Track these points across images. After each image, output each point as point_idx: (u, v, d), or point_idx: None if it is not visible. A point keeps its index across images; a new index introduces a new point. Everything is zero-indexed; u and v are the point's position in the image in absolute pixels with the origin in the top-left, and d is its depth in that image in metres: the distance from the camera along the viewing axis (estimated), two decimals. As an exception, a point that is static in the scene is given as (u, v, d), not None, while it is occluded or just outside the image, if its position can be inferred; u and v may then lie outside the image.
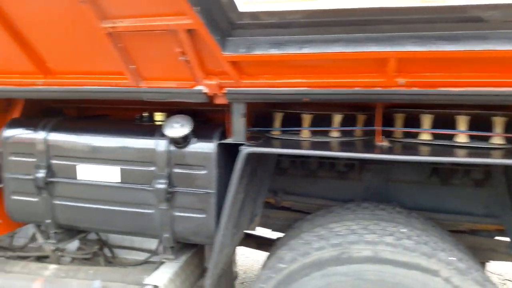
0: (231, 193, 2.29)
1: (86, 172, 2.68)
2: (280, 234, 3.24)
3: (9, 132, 2.84)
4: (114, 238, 3.66)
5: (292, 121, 2.67)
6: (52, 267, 3.19)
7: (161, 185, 2.52)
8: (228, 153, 2.52)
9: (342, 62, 1.97)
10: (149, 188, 2.56)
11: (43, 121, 2.81)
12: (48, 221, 2.82)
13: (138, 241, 3.89)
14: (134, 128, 2.74)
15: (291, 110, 2.61)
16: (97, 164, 2.65)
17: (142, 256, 3.65)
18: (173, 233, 2.61)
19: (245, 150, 2.22)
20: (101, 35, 2.10)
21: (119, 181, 2.63)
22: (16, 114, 2.97)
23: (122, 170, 2.62)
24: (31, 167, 2.77)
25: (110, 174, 2.64)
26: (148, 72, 2.30)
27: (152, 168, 2.55)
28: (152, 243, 3.83)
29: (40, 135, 2.76)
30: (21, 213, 2.90)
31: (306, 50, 1.93)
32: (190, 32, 1.97)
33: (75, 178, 2.70)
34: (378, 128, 2.37)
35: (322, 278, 2.16)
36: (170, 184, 2.52)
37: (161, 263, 3.19)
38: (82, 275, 3.05)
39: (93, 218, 2.74)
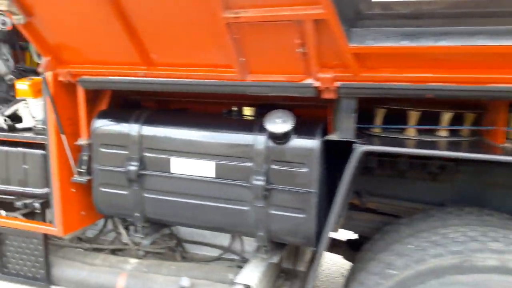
0: (341, 193, 2.18)
1: (180, 166, 2.63)
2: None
3: (100, 124, 2.82)
4: (184, 233, 3.64)
5: (393, 118, 2.54)
6: (133, 261, 3.18)
7: (259, 181, 2.44)
8: (327, 150, 2.42)
9: (481, 56, 1.83)
10: (245, 185, 2.49)
11: (135, 113, 2.79)
12: (137, 214, 2.80)
13: (209, 237, 3.86)
14: (229, 123, 2.67)
15: (394, 106, 2.48)
16: (192, 158, 2.60)
17: (211, 251, 3.62)
18: (268, 232, 2.53)
19: (361, 148, 2.10)
20: (217, 26, 2.03)
21: (214, 176, 2.58)
22: (103, 105, 2.96)
23: (217, 165, 2.56)
24: (123, 159, 2.75)
25: (205, 169, 2.58)
26: (255, 65, 2.22)
27: (249, 164, 2.48)
28: (223, 239, 3.79)
29: (133, 127, 2.73)
30: (109, 206, 2.89)
31: (443, 43, 1.80)
32: (317, 22, 1.87)
33: (168, 171, 2.66)
34: (501, 128, 2.21)
35: (440, 287, 2.03)
36: (268, 181, 2.44)
37: (244, 260, 3.13)
38: (165, 270, 3.03)
39: (184, 212, 2.70)
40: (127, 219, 3.09)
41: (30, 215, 3.86)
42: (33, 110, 3.31)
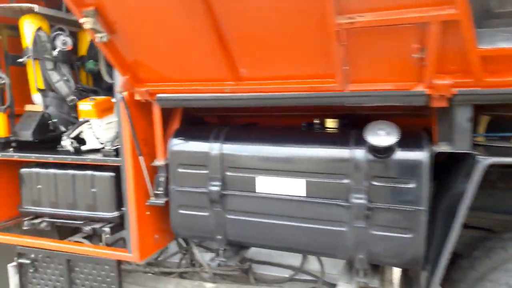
0: (463, 210, 1.98)
1: (267, 185, 2.46)
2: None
3: (178, 143, 2.68)
4: (251, 253, 3.47)
5: (496, 125, 2.33)
6: (209, 286, 3.01)
7: (359, 200, 2.25)
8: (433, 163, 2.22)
9: None
10: (343, 204, 2.30)
11: (214, 131, 2.64)
12: (219, 237, 2.63)
13: (275, 256, 3.68)
14: (320, 136, 2.50)
15: (504, 113, 2.27)
16: (279, 176, 2.43)
17: (279, 272, 3.45)
18: (368, 254, 2.33)
19: (486, 161, 1.90)
20: (323, 34, 1.86)
21: (304, 194, 2.40)
22: (175, 124, 2.82)
23: (308, 182, 2.38)
24: (203, 179, 2.60)
25: (294, 187, 2.41)
26: (358, 74, 2.04)
27: (346, 181, 2.29)
28: (292, 259, 3.60)
29: (214, 145, 2.58)
30: (188, 228, 2.73)
31: None
32: (445, 24, 1.69)
33: (253, 191, 2.49)
34: None
35: None
36: (369, 199, 2.25)
37: (319, 281, 2.93)
38: (246, 295, 2.85)
39: (270, 234, 2.52)
40: (200, 241, 2.93)
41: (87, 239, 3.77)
42: (97, 131, 3.20)
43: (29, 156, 3.08)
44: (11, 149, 3.24)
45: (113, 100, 3.33)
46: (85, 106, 3.17)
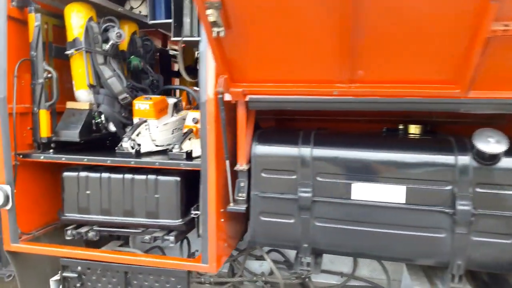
0: None
1: (363, 192, 2.40)
2: None
3: (262, 147, 2.55)
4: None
5: None
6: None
7: (465, 206, 2.26)
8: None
9: None
10: (447, 210, 2.30)
11: (302, 135, 2.54)
12: (305, 245, 2.53)
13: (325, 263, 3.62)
14: (418, 143, 2.48)
15: None
16: (377, 182, 2.38)
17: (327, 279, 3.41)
18: (467, 260, 2.34)
19: None
20: (460, 39, 1.85)
21: (404, 201, 2.37)
22: (250, 128, 2.67)
23: (408, 189, 2.35)
24: (290, 185, 2.49)
25: (393, 194, 2.37)
26: (485, 81, 2.04)
27: (450, 187, 2.29)
28: (340, 265, 3.57)
29: (304, 150, 2.48)
30: (270, 236, 2.60)
31: None
32: None
33: (347, 197, 2.42)
34: None
35: None
36: (473, 205, 2.26)
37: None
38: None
39: (364, 242, 2.46)
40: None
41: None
42: (153, 132, 2.98)
43: (81, 158, 2.79)
44: (51, 151, 2.92)
45: (169, 100, 3.13)
46: (143, 105, 2.93)
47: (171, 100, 3.18)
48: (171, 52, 4.56)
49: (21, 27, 2.83)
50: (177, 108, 3.25)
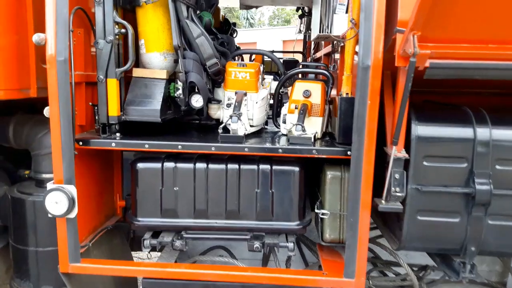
0: None
1: (557, 182, 1.95)
2: None
3: (425, 127, 2.00)
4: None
5: None
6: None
7: None
8: None
9: None
10: None
11: (472, 111, 2.02)
12: (472, 248, 2.05)
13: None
14: None
15: None
16: None
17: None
18: None
19: None
20: None
21: None
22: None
23: None
24: (459, 175, 1.98)
25: None
26: None
27: None
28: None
29: (480, 130, 1.97)
30: (429, 240, 2.08)
31: None
32: None
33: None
34: None
35: None
36: None
37: None
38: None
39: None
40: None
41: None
42: (251, 109, 2.32)
43: (172, 145, 2.06)
44: (118, 135, 2.16)
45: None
46: (242, 73, 2.24)
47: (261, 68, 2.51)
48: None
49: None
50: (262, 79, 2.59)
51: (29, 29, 2.13)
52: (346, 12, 2.29)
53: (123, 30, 2.06)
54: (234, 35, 3.75)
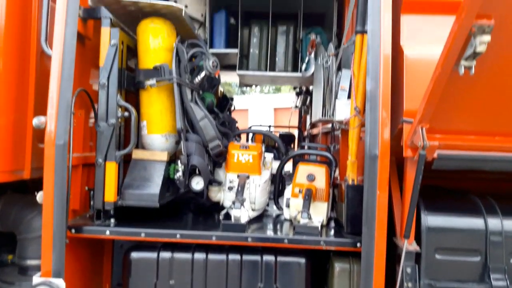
0: None
1: None
2: None
3: (435, 218, 1.93)
4: None
5: None
6: None
7: None
8: None
9: None
10: None
11: (481, 200, 1.97)
12: None
13: None
14: None
15: None
16: None
17: None
18: None
19: None
20: None
21: None
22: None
23: None
24: (473, 270, 1.88)
25: None
26: None
27: None
28: None
29: (492, 221, 1.90)
30: None
31: None
32: None
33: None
34: None
35: None
36: None
37: None
38: None
39: None
40: None
41: None
42: (253, 192, 2.24)
43: (170, 234, 1.94)
44: (112, 220, 2.04)
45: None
46: (244, 156, 2.20)
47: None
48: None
49: (78, 45, 2.00)
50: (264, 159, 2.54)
51: (29, 110, 2.09)
52: (348, 97, 2.32)
53: (126, 113, 2.03)
54: (232, 109, 3.78)
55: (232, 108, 3.81)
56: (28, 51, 2.12)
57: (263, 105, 19.74)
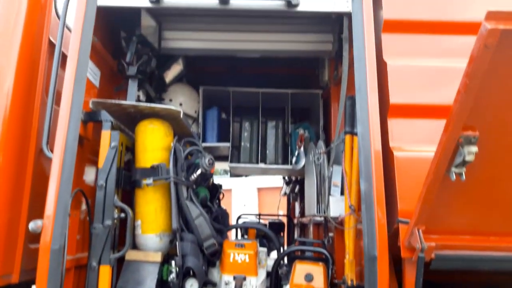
0: None
1: None
2: None
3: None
4: None
5: None
6: None
7: None
8: None
9: None
10: None
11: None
12: None
13: None
14: None
15: None
16: None
17: None
18: None
19: None
20: None
21: None
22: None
23: None
24: None
25: None
26: None
27: None
28: None
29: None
30: None
31: None
32: None
33: None
34: None
35: None
36: None
37: None
38: None
39: None
40: None
41: None
42: (253, 294, 2.17)
43: None
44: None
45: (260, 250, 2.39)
46: (240, 255, 2.16)
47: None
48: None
49: (78, 146, 2.04)
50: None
51: (22, 212, 2.06)
52: (341, 194, 2.37)
53: (122, 215, 2.02)
54: (221, 197, 3.78)
55: (221, 196, 3.82)
56: (26, 152, 2.14)
57: (246, 185, 19.70)
